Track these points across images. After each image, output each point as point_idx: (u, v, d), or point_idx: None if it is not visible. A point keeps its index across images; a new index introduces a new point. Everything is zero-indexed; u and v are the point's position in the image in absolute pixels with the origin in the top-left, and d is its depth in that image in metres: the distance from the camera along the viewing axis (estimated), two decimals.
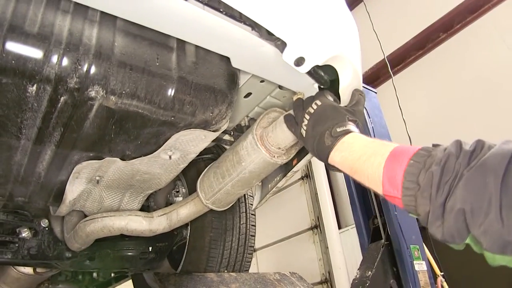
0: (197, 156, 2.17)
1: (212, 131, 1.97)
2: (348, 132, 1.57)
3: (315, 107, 1.73)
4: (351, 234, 6.30)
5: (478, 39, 7.30)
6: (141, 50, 1.67)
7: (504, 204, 1.01)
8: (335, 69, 1.86)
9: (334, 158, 1.58)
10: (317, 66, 1.78)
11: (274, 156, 2.00)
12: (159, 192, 2.86)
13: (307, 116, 1.73)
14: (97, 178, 2.19)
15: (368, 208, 4.40)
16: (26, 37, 1.43)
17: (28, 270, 3.41)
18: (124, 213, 2.49)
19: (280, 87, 2.19)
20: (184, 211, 2.43)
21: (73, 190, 2.23)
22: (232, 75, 1.92)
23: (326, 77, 1.92)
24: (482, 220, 1.05)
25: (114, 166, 2.10)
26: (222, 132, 2.13)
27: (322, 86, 1.96)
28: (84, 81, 1.56)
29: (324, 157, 1.63)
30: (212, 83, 1.84)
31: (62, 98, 1.59)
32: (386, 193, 1.34)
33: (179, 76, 1.74)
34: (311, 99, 1.80)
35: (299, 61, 1.66)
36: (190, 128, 1.90)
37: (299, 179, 8.41)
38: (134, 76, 1.64)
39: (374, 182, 1.39)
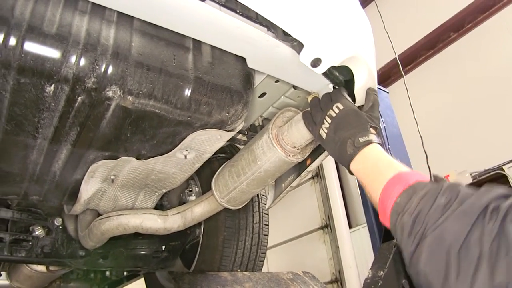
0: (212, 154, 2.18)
1: (228, 131, 1.97)
2: (369, 143, 1.57)
3: (337, 110, 1.72)
4: (362, 233, 6.29)
5: (489, 39, 7.28)
6: (158, 50, 1.68)
7: (461, 272, 1.02)
8: (350, 70, 1.85)
9: (352, 167, 1.60)
10: (333, 67, 1.77)
11: (289, 155, 2.00)
12: (172, 191, 2.86)
13: (328, 119, 1.73)
14: (112, 177, 2.20)
15: None
16: (45, 37, 1.44)
17: (41, 268, 3.43)
18: (139, 211, 2.49)
19: (295, 87, 2.19)
20: (198, 210, 2.43)
21: (88, 189, 2.24)
22: (248, 75, 1.92)
23: (341, 78, 1.93)
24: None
25: (129, 166, 2.11)
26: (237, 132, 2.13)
27: (336, 87, 1.96)
28: (102, 81, 1.57)
29: (345, 164, 1.65)
30: (228, 83, 1.84)
31: (79, 98, 1.60)
32: (382, 222, 1.39)
33: (195, 76, 1.74)
34: (328, 98, 1.80)
35: (316, 62, 1.66)
36: (206, 128, 1.91)
37: (309, 178, 8.38)
38: (151, 76, 1.65)
39: (375, 205, 1.44)
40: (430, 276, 1.10)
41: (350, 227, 6.86)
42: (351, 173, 1.66)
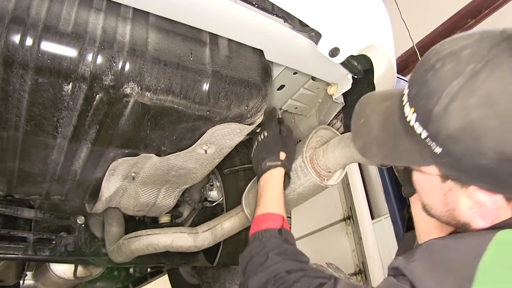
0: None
1: (247, 124, 1.95)
2: (270, 168, 1.91)
3: (262, 136, 2.04)
4: (384, 224, 6.20)
5: (506, 24, 7.16)
6: (174, 46, 1.66)
7: None
8: (368, 59, 1.82)
9: (259, 182, 1.92)
10: (351, 56, 1.76)
11: (324, 180, 1.98)
12: (193, 186, 2.85)
13: (256, 142, 2.06)
14: (133, 174, 2.20)
15: (402, 196, 4.33)
16: (61, 36, 1.43)
17: (68, 275, 3.45)
18: (169, 230, 2.48)
19: (313, 78, 2.16)
20: (228, 225, 2.39)
21: (109, 187, 2.24)
22: (266, 68, 1.90)
23: (360, 67, 1.90)
24: None
25: (149, 162, 2.10)
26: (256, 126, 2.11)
27: (356, 76, 1.94)
28: (119, 78, 1.55)
29: (258, 178, 1.96)
30: (246, 76, 1.82)
31: (97, 96, 1.59)
32: None
33: (213, 70, 1.72)
34: (263, 127, 2.11)
35: (334, 52, 1.64)
36: (225, 122, 1.88)
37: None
38: (169, 72, 1.63)
39: None
40: None
41: (372, 218, 6.81)
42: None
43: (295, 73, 2.09)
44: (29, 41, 1.38)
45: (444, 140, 1.08)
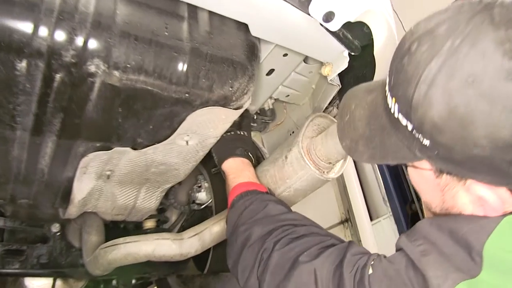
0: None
1: (233, 109, 1.73)
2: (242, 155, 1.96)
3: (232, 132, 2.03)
4: (384, 225, 6.07)
5: None
6: (147, 19, 1.45)
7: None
8: (365, 34, 1.65)
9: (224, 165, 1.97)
10: (347, 28, 1.58)
11: (324, 172, 1.78)
12: (179, 188, 2.65)
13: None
14: (108, 172, 1.96)
15: (404, 194, 4.17)
16: (12, 5, 1.24)
17: None
18: (151, 236, 2.25)
19: (305, 61, 1.98)
20: (218, 229, 2.16)
21: (82, 188, 2.00)
22: (252, 46, 1.70)
23: (357, 43, 1.71)
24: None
25: (125, 158, 1.87)
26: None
27: (353, 53, 1.74)
28: (82, 54, 1.34)
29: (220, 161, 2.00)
30: (230, 54, 1.61)
31: (57, 76, 1.37)
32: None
33: (192, 47, 1.51)
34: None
35: (329, 16, 1.44)
36: (207, 106, 1.65)
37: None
38: (140, 47, 1.42)
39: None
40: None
41: (371, 219, 6.65)
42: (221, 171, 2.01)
43: (285, 54, 1.90)
44: None
45: (430, 130, 0.96)
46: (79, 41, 1.32)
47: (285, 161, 1.83)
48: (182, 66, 1.50)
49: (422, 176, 1.14)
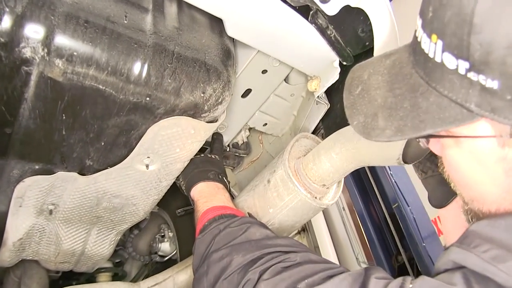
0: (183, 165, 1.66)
1: (205, 122, 1.42)
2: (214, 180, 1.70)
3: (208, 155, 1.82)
4: None
5: None
6: (103, 3, 1.18)
7: None
8: (360, 40, 1.44)
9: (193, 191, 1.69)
10: (339, 32, 1.39)
11: (316, 197, 1.49)
12: (140, 236, 2.34)
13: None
14: (50, 207, 1.61)
15: (388, 244, 3.88)
16: None
17: None
18: (101, 285, 1.96)
19: (287, 80, 1.75)
20: (183, 278, 1.85)
21: (18, 225, 1.63)
22: (227, 51, 1.44)
23: (349, 50, 1.49)
24: None
25: (71, 187, 1.52)
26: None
27: (344, 63, 1.49)
28: (14, 33, 1.04)
29: (189, 186, 1.71)
30: (202, 55, 1.34)
31: None
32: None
33: (155, 41, 1.24)
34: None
35: None
36: (173, 115, 1.34)
37: (296, 233, 7.80)
38: (91, 33, 1.13)
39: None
40: None
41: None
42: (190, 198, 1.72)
43: (264, 71, 1.66)
44: None
45: (502, 60, 0.67)
46: (11, 14, 1.03)
47: (267, 186, 1.53)
48: (142, 61, 1.21)
49: (473, 152, 0.83)
